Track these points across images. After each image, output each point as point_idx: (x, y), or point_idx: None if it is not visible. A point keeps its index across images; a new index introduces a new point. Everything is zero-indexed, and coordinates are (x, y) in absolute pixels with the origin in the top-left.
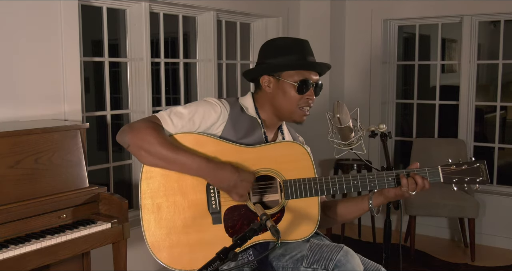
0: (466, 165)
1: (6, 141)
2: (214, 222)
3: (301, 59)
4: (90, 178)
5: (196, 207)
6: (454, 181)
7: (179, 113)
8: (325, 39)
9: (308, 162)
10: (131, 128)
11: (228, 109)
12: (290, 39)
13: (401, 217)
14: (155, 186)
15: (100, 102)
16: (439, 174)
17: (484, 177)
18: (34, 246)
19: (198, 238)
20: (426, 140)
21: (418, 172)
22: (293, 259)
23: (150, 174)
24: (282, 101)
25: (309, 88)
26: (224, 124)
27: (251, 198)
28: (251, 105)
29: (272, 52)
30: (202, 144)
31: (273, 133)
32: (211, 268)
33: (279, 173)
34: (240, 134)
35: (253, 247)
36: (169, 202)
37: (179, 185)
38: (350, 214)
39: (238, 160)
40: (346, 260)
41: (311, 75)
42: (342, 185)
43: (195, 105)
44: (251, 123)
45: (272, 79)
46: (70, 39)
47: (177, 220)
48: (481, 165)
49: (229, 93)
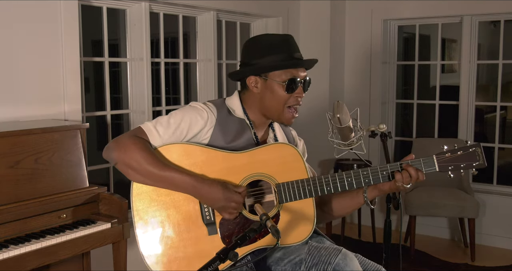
0: (461, 150)
1: (6, 141)
2: (210, 233)
3: (288, 57)
4: (90, 178)
5: (190, 219)
6: (450, 168)
7: (165, 123)
8: (325, 39)
9: (299, 162)
10: (118, 145)
11: (215, 114)
12: (274, 37)
13: (401, 217)
14: (147, 202)
15: (100, 102)
16: (434, 163)
17: (481, 161)
18: (34, 246)
19: (195, 250)
20: (426, 140)
21: (413, 163)
22: (291, 263)
23: (140, 190)
24: (271, 101)
25: (298, 86)
26: (212, 129)
27: (245, 204)
28: (238, 107)
29: (257, 52)
30: (190, 154)
31: (263, 132)
32: (211, 268)
33: (271, 177)
34: (229, 138)
35: (251, 253)
36: (162, 216)
37: (171, 198)
38: (346, 208)
39: (228, 167)
40: (345, 264)
41: (299, 72)
42: (336, 184)
43: (181, 113)
44: (240, 125)
45: (259, 79)
46: (70, 39)
47: (172, 234)
48: (477, 149)
49: (229, 93)
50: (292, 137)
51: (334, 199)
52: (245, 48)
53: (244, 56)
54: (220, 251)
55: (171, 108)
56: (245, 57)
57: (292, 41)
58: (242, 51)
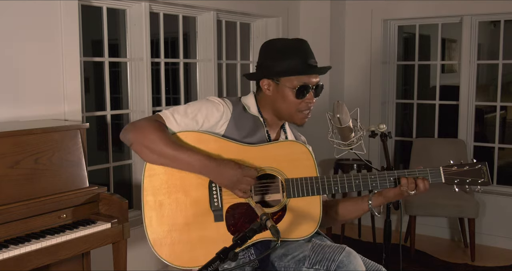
0: (467, 166)
1: (6, 141)
2: (216, 220)
3: (301, 63)
4: (90, 178)
5: (198, 204)
6: (455, 182)
7: (182, 112)
8: (325, 39)
9: (310, 161)
10: (134, 126)
11: (230, 108)
12: (290, 42)
13: (401, 217)
14: (158, 183)
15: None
16: (440, 174)
17: (485, 179)
18: (34, 246)
19: (200, 236)
20: (426, 140)
21: (420, 172)
22: (295, 260)
23: (152, 171)
24: (282, 104)
25: (309, 92)
26: (227, 124)
27: (253, 196)
28: (253, 105)
29: (272, 55)
30: (204, 142)
31: (275, 132)
32: (211, 268)
33: (281, 172)
34: (243, 133)
35: (254, 246)
36: (171, 199)
37: (182, 182)
38: (350, 214)
39: (240, 158)
40: (349, 261)
41: (311, 78)
42: (344, 184)
43: (198, 104)
44: (254, 122)
45: (271, 82)
46: (70, 39)
47: (179, 217)
48: (483, 167)
49: (229, 93)
50: (302, 141)
51: (340, 204)
52: (261, 50)
53: (260, 57)
54: (220, 251)
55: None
56: (260, 59)
57: (307, 47)
58: (259, 52)
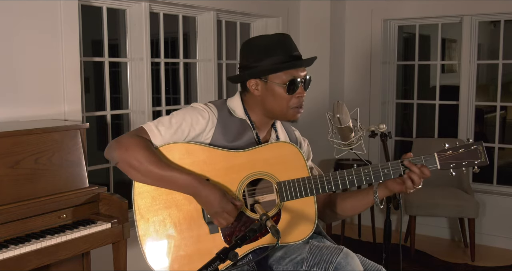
0: (463, 148)
1: (6, 141)
2: (211, 232)
3: (286, 58)
4: (90, 178)
5: (191, 218)
6: (451, 166)
7: (167, 123)
8: (325, 39)
9: (300, 161)
10: (119, 144)
11: (216, 114)
12: (271, 38)
13: (401, 217)
14: (148, 200)
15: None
16: (435, 160)
17: (482, 159)
18: (34, 246)
19: (197, 249)
20: (426, 140)
21: (414, 160)
22: (293, 262)
23: (142, 189)
24: (273, 103)
25: (299, 86)
26: (214, 130)
27: (247, 203)
28: (239, 107)
29: (256, 54)
30: (191, 153)
31: (265, 132)
32: (211, 268)
33: (273, 175)
34: (230, 138)
35: (253, 251)
36: (164, 215)
37: (172, 197)
38: (357, 209)
39: (229, 166)
40: (346, 263)
41: (299, 72)
42: (337, 182)
43: (182, 113)
44: (241, 126)
45: (259, 82)
46: (70, 39)
47: (173, 233)
48: (479, 146)
49: (229, 93)
50: (296, 137)
51: (345, 200)
52: (242, 51)
53: (243, 59)
54: (220, 251)
55: (171, 109)
56: (243, 60)
57: (289, 41)
58: (240, 54)
